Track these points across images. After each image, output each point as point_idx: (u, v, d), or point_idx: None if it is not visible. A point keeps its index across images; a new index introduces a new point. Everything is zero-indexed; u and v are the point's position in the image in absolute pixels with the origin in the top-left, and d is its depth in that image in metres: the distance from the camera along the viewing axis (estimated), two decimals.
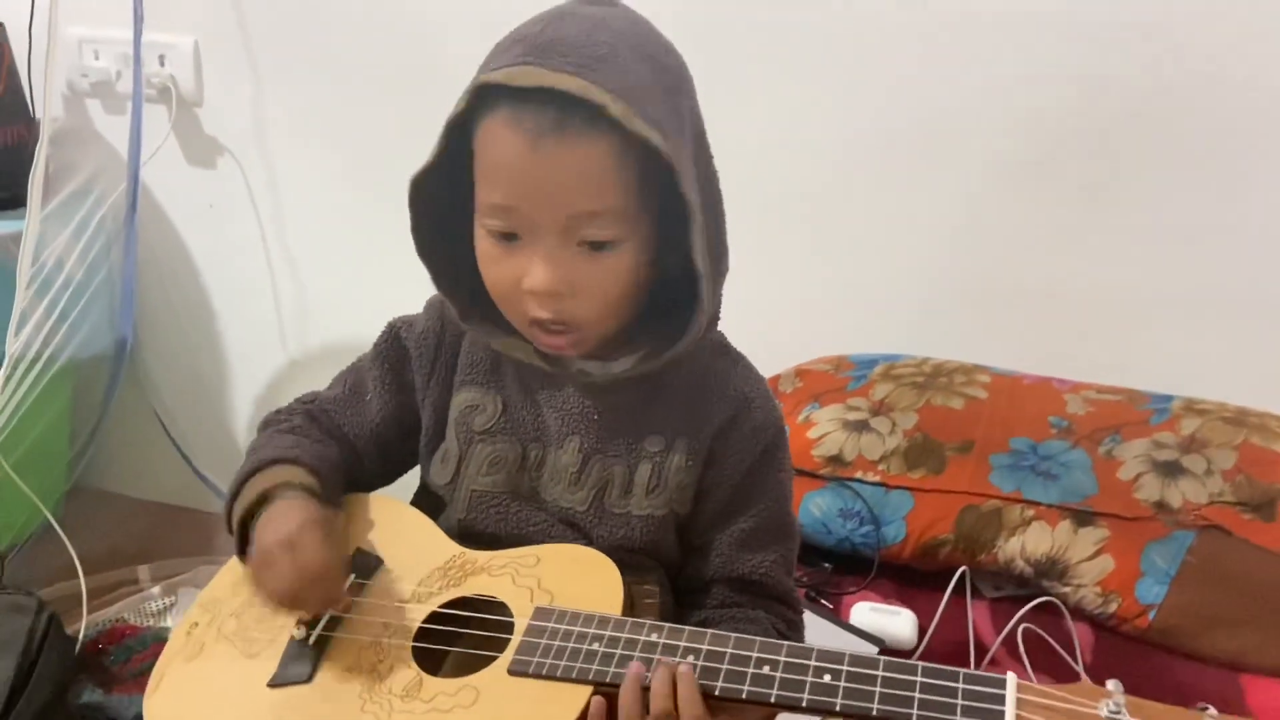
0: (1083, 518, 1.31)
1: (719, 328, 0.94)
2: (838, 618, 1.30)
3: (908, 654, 1.25)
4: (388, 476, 1.04)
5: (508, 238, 0.84)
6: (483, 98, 0.82)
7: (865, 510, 1.37)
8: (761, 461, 0.92)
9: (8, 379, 1.62)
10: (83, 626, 1.66)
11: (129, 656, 1.65)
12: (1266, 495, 1.29)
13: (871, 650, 1.24)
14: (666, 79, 0.84)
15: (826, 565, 1.39)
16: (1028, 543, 1.30)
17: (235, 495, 0.93)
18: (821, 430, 1.44)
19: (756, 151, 1.59)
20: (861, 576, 1.37)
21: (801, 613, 0.98)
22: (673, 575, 0.95)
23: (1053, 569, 1.29)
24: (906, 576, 1.37)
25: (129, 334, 1.87)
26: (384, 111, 1.77)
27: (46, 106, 1.60)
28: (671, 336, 0.88)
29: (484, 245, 0.86)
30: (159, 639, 1.68)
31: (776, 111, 1.60)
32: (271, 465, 0.93)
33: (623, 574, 0.85)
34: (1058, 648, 1.23)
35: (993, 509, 1.33)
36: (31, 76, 1.78)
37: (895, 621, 1.28)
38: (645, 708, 0.75)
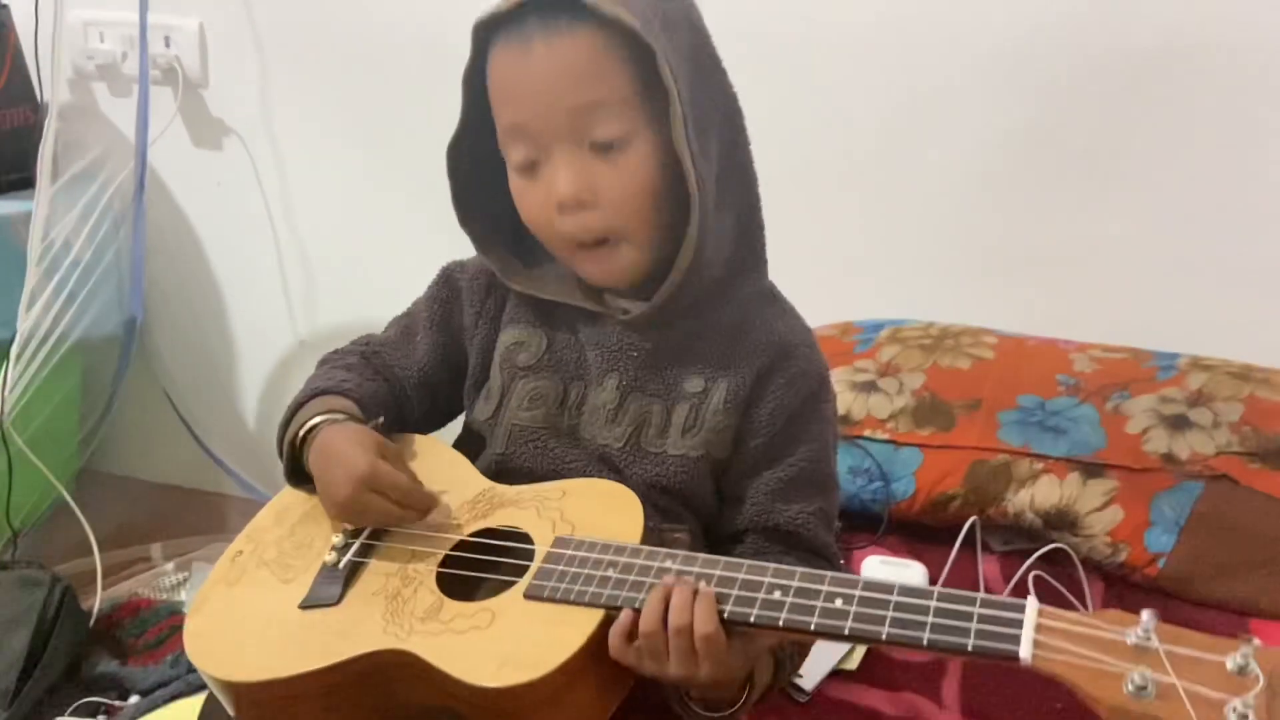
0: (1092, 470, 1.31)
1: (770, 279, 0.96)
2: (839, 572, 1.31)
3: None
4: (434, 421, 1.05)
5: (530, 168, 0.87)
6: (485, 41, 0.86)
7: (875, 467, 1.37)
8: (802, 410, 0.91)
9: (18, 357, 1.63)
10: (97, 601, 1.67)
11: (144, 629, 1.66)
12: (1273, 445, 1.30)
13: None
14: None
15: (837, 523, 1.39)
16: (1037, 495, 1.31)
17: (287, 422, 0.96)
18: None
19: (759, 121, 1.59)
20: (871, 533, 1.37)
21: (840, 569, 0.93)
22: (707, 528, 0.94)
23: (1062, 520, 1.30)
24: (916, 532, 1.37)
25: (138, 314, 1.88)
26: (389, 90, 1.78)
27: (55, 86, 1.61)
28: (715, 280, 0.90)
29: (515, 184, 0.89)
30: (174, 612, 1.69)
31: (779, 81, 1.60)
32: (322, 395, 0.96)
33: (654, 519, 0.86)
34: (1067, 594, 1.24)
35: (1002, 463, 1.34)
36: (39, 60, 1.79)
37: (905, 574, 1.28)
38: (665, 621, 0.75)
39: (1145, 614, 0.64)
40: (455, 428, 1.04)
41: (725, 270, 0.92)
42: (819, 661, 1.19)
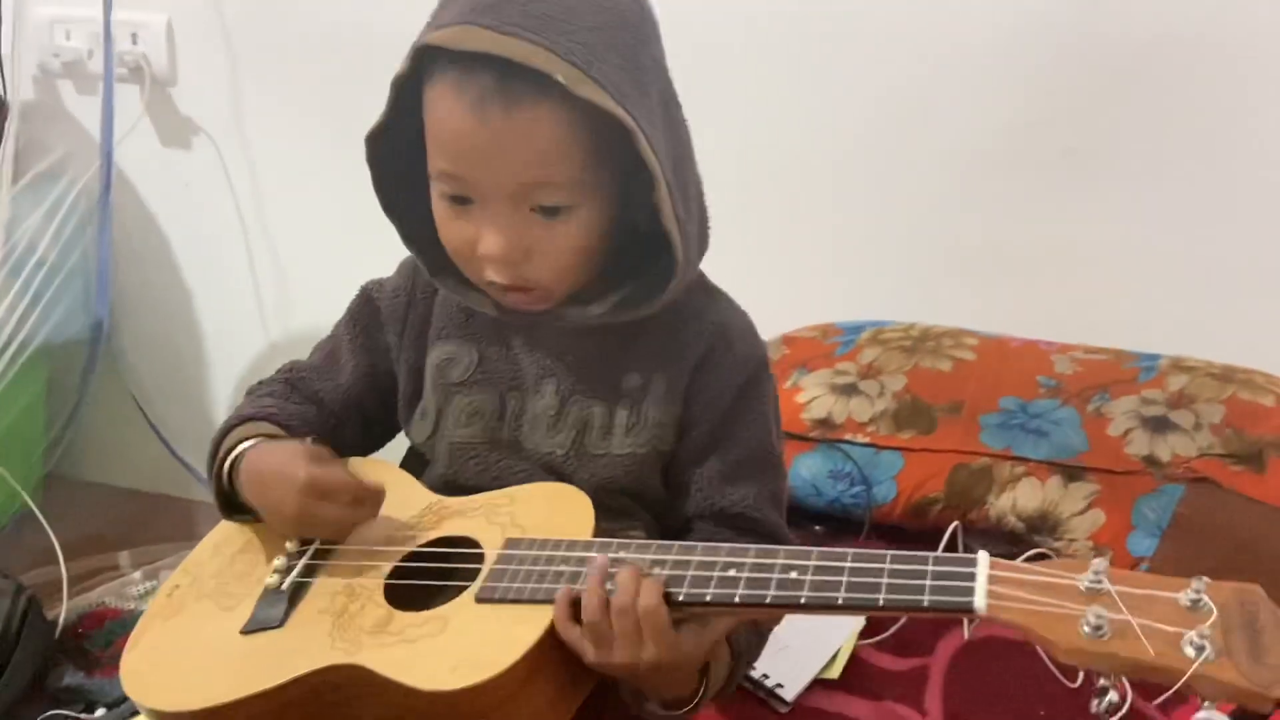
0: (1073, 473, 1.31)
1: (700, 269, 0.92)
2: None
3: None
4: (370, 444, 1.02)
5: (460, 200, 0.82)
6: (427, 58, 0.79)
7: (856, 471, 1.36)
8: (743, 393, 0.90)
9: None
10: (63, 610, 1.63)
11: (111, 640, 1.62)
12: (1255, 447, 1.29)
13: None
14: (625, 34, 0.80)
15: (818, 528, 1.38)
16: (1019, 498, 1.30)
17: (213, 455, 0.92)
18: (810, 395, 1.43)
19: (739, 122, 1.59)
20: (853, 537, 1.36)
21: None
22: (657, 520, 0.93)
23: (1044, 524, 1.29)
24: (898, 537, 1.36)
25: (105, 317, 1.84)
26: (362, 88, 1.72)
27: (16, 81, 1.57)
28: (650, 281, 0.86)
29: (439, 207, 0.84)
30: None
31: (758, 81, 1.59)
32: (247, 422, 0.93)
33: (605, 521, 0.84)
34: None
35: (983, 466, 1.33)
36: (1, 58, 1.75)
37: None
38: (605, 603, 0.73)
39: (1096, 559, 0.65)
40: (398, 450, 1.01)
41: None
42: (801, 671, 1.17)
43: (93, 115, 1.81)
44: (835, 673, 1.17)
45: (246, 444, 0.90)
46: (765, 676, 1.16)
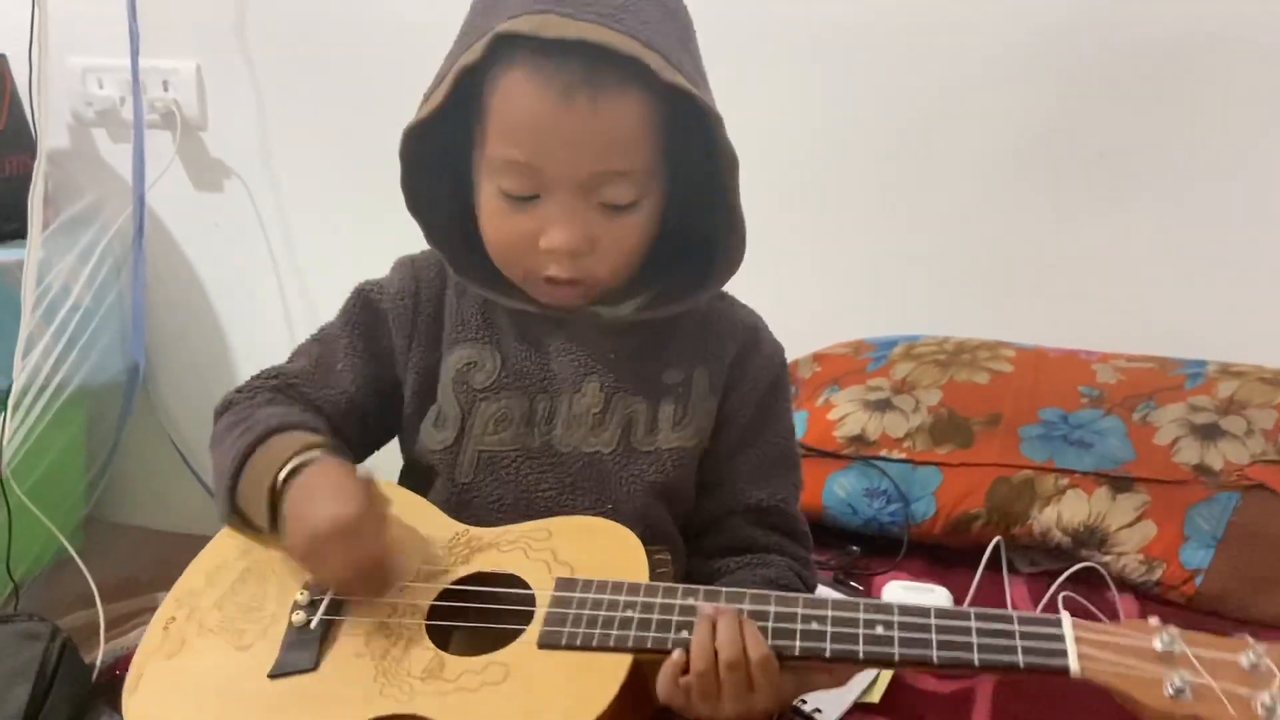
0: (1120, 484, 1.26)
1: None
2: (869, 598, 1.25)
3: None
4: (364, 450, 0.97)
5: (522, 197, 0.81)
6: (499, 47, 0.77)
7: (892, 488, 1.32)
8: (771, 392, 0.92)
9: (16, 405, 1.60)
10: (100, 653, 1.63)
11: None
12: None
13: None
14: (680, 26, 0.81)
15: (855, 548, 1.33)
16: (1064, 512, 1.25)
17: (236, 474, 0.85)
18: (842, 411, 1.39)
19: (766, 138, 1.56)
20: (891, 557, 1.31)
21: (812, 550, 0.95)
22: (682, 525, 0.92)
23: (1091, 538, 1.24)
24: (938, 555, 1.32)
25: (140, 358, 1.86)
26: (388, 127, 1.75)
27: (43, 128, 1.59)
28: (679, 281, 0.88)
29: (492, 201, 0.82)
30: None
31: (786, 95, 1.57)
32: (275, 434, 0.85)
33: (643, 539, 0.81)
34: (1101, 616, 1.17)
35: (1025, 479, 1.28)
36: (34, 107, 1.78)
37: (930, 599, 1.22)
38: (715, 658, 0.71)
39: (1157, 621, 0.69)
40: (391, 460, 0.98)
41: None
42: (840, 695, 1.13)
43: (126, 161, 1.84)
44: (876, 696, 1.12)
45: (314, 453, 0.82)
46: (803, 701, 1.12)
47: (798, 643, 0.72)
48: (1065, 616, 0.70)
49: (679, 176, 0.84)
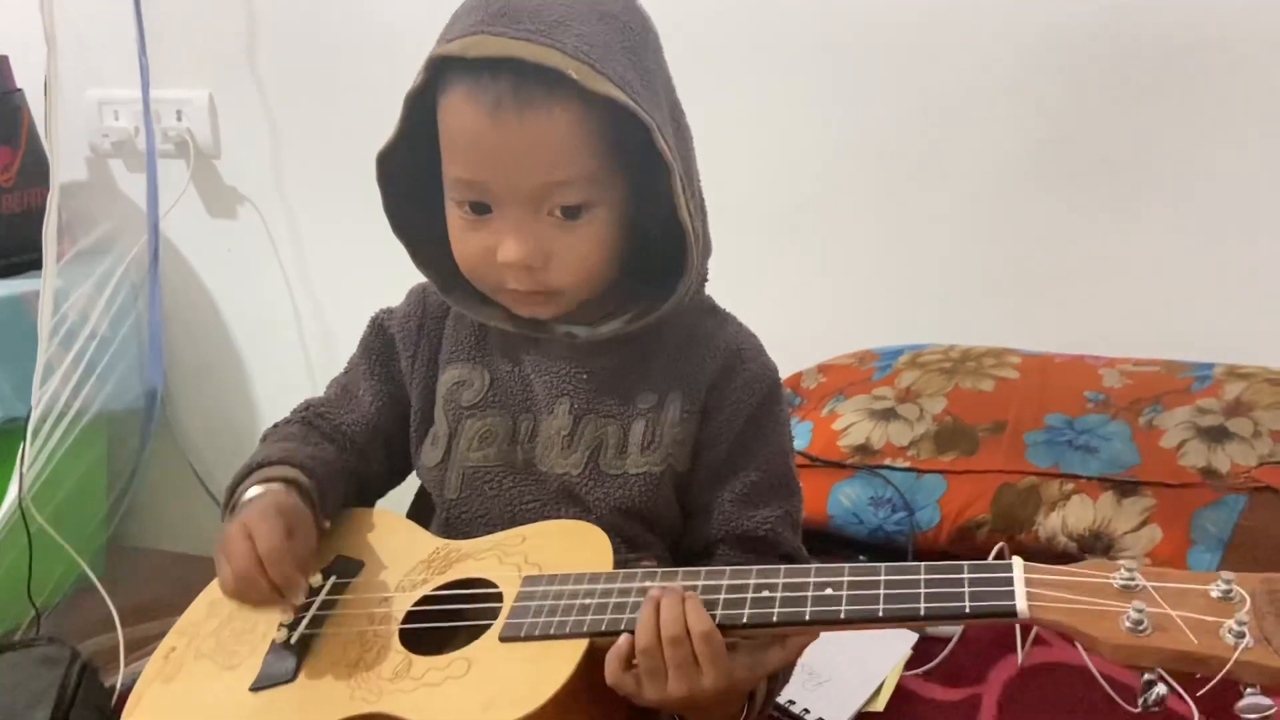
0: (1126, 488, 1.25)
1: (706, 291, 0.93)
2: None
3: (949, 641, 1.19)
4: (396, 473, 1.02)
5: (477, 209, 0.83)
6: (441, 70, 0.80)
7: (897, 497, 1.32)
8: (758, 414, 0.89)
9: (35, 432, 1.63)
10: (120, 677, 1.64)
11: None
12: None
13: (911, 639, 1.19)
14: (629, 37, 0.82)
15: (861, 557, 1.33)
16: (1069, 517, 1.24)
17: (229, 505, 0.92)
18: (847, 421, 1.40)
19: (773, 148, 1.58)
20: None
21: None
22: (671, 547, 0.92)
23: (1097, 543, 1.23)
24: None
25: (159, 385, 1.88)
26: None
27: (55, 160, 1.62)
28: (658, 299, 0.87)
29: (454, 218, 0.85)
30: None
31: (789, 107, 1.58)
32: (261, 468, 0.91)
33: (620, 550, 0.83)
34: None
35: (1030, 485, 1.27)
36: (50, 139, 1.82)
37: None
38: (658, 635, 0.72)
39: (1124, 560, 0.66)
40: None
41: None
42: (844, 704, 1.13)
43: (142, 191, 1.87)
44: (880, 705, 1.12)
45: (256, 490, 0.88)
46: (807, 711, 1.12)
47: (746, 610, 0.72)
48: (1017, 560, 0.68)
49: (643, 187, 0.85)
